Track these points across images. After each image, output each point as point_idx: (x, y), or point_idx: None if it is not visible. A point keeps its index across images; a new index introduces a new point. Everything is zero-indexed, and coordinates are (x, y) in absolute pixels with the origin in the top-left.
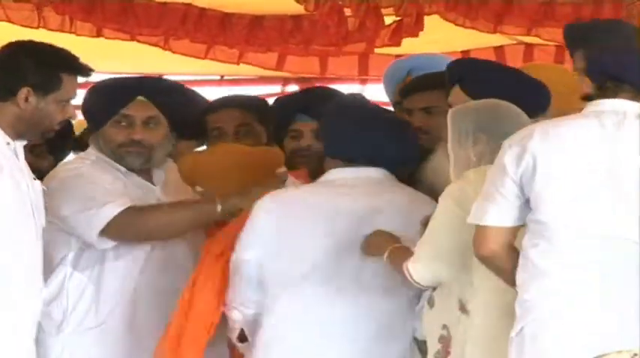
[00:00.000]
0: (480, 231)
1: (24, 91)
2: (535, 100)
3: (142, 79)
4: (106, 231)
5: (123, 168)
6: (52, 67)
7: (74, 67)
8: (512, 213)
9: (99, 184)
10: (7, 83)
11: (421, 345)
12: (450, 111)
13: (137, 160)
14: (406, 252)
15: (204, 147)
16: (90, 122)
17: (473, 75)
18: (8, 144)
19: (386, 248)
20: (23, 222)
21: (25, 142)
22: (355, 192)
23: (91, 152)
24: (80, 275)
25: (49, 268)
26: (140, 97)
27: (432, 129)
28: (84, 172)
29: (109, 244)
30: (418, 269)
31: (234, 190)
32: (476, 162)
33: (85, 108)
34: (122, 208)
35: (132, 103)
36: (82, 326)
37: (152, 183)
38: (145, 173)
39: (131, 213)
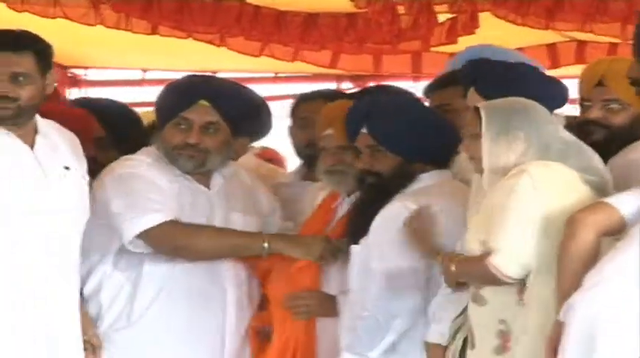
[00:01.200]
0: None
1: None
2: (550, 98)
3: (207, 82)
4: (144, 237)
5: (177, 171)
6: None
7: None
8: None
9: (152, 187)
10: None
11: (428, 347)
12: (483, 107)
13: (189, 163)
14: (466, 257)
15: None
16: (157, 120)
17: (487, 75)
18: (8, 134)
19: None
20: (21, 219)
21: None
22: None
23: (152, 150)
24: (119, 275)
25: (89, 265)
26: (202, 101)
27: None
28: (141, 172)
29: (142, 249)
30: (507, 262)
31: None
32: (512, 158)
33: (155, 106)
34: (166, 219)
35: (193, 107)
36: (115, 325)
37: (209, 186)
38: (202, 176)
39: (175, 227)
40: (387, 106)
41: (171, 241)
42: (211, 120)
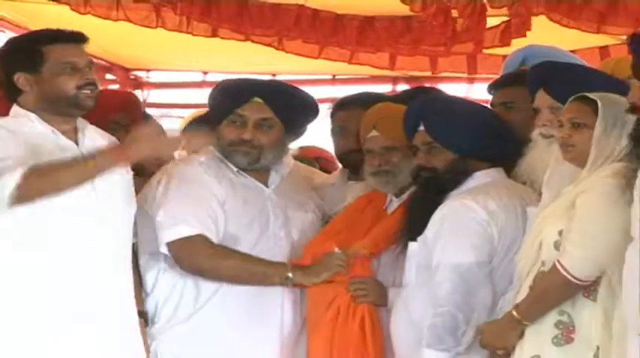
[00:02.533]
0: None
1: (18, 78)
2: None
3: (260, 81)
4: (170, 247)
5: (234, 168)
6: (28, 46)
7: (51, 37)
8: None
9: (195, 196)
10: (7, 79)
11: None
12: (600, 98)
13: (244, 159)
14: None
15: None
16: (212, 119)
17: (557, 77)
18: (53, 131)
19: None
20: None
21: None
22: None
23: (211, 150)
24: (173, 272)
25: (144, 261)
26: (256, 99)
27: (510, 124)
28: (190, 176)
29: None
30: (582, 264)
31: None
32: (616, 150)
33: (209, 105)
34: (192, 233)
35: (247, 104)
36: (171, 320)
37: (267, 184)
38: (260, 175)
39: (202, 244)
40: (444, 104)
41: (193, 258)
42: (265, 116)
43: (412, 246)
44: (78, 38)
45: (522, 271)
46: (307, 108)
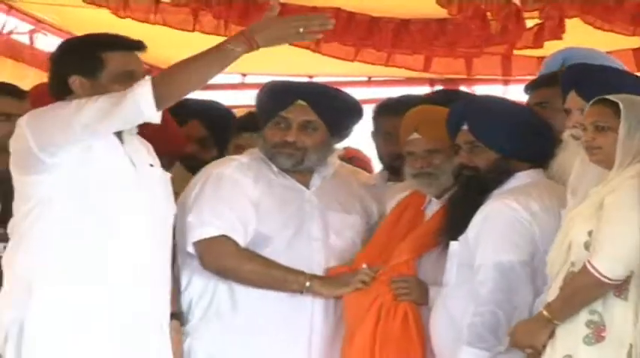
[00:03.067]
0: None
1: (74, 80)
2: None
3: (304, 83)
4: (196, 247)
5: (275, 168)
6: (89, 50)
7: (112, 44)
8: None
9: (227, 198)
10: (59, 79)
11: None
12: (622, 100)
13: (288, 161)
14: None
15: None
16: (258, 121)
17: (588, 79)
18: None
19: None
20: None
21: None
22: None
23: (253, 150)
24: (206, 271)
25: (181, 259)
26: (300, 101)
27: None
28: (224, 176)
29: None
30: (613, 264)
31: None
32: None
33: (256, 107)
34: (217, 234)
35: (291, 106)
36: (204, 318)
37: (308, 185)
38: (303, 176)
39: (226, 246)
40: (487, 104)
41: (216, 259)
42: (309, 119)
43: (453, 245)
44: (137, 46)
45: (552, 272)
46: (351, 111)
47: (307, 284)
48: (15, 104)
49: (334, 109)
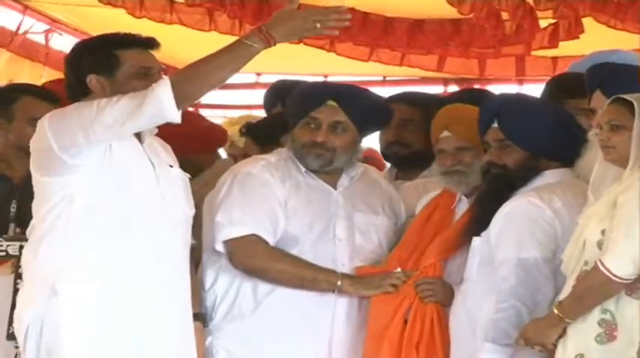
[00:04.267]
0: None
1: (91, 79)
2: None
3: (335, 84)
4: (225, 245)
5: (302, 168)
6: (104, 49)
7: (126, 42)
8: None
9: (256, 192)
10: (76, 80)
11: None
12: (637, 102)
13: (317, 162)
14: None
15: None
16: (288, 121)
17: (613, 79)
18: None
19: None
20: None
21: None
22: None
23: (281, 150)
24: (231, 270)
25: (207, 257)
26: (330, 102)
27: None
28: (251, 176)
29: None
30: (623, 263)
31: None
32: None
33: (286, 107)
34: (247, 233)
35: (322, 107)
36: (227, 317)
37: (336, 186)
38: (331, 177)
39: (257, 245)
40: (517, 102)
41: (246, 258)
42: (339, 119)
43: (475, 241)
44: (152, 44)
45: (566, 270)
46: (380, 111)
47: (338, 283)
48: (49, 110)
49: (364, 110)
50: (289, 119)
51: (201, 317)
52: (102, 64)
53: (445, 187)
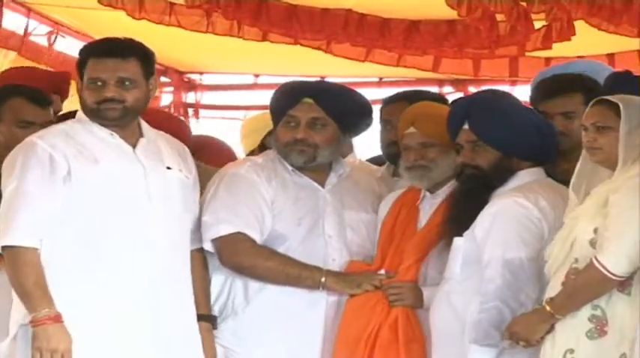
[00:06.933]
0: None
1: (77, 84)
2: None
3: (309, 82)
4: (213, 244)
5: (289, 167)
6: (81, 55)
7: (91, 50)
8: None
9: (243, 197)
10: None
11: None
12: (621, 101)
13: (300, 158)
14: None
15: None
16: (272, 122)
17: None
18: (112, 135)
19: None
20: (124, 211)
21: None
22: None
23: (271, 152)
24: (223, 269)
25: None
26: (306, 99)
27: (572, 133)
28: (238, 176)
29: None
30: (619, 260)
31: None
32: None
33: (269, 109)
34: (232, 231)
35: (298, 105)
36: (222, 315)
37: (324, 184)
38: (318, 176)
39: (243, 243)
40: (488, 103)
41: (234, 256)
42: (316, 116)
43: (458, 241)
44: (114, 52)
45: (551, 269)
46: (358, 107)
47: (322, 280)
48: (38, 113)
49: (340, 105)
50: (272, 118)
51: (209, 319)
52: (79, 70)
53: (410, 184)
